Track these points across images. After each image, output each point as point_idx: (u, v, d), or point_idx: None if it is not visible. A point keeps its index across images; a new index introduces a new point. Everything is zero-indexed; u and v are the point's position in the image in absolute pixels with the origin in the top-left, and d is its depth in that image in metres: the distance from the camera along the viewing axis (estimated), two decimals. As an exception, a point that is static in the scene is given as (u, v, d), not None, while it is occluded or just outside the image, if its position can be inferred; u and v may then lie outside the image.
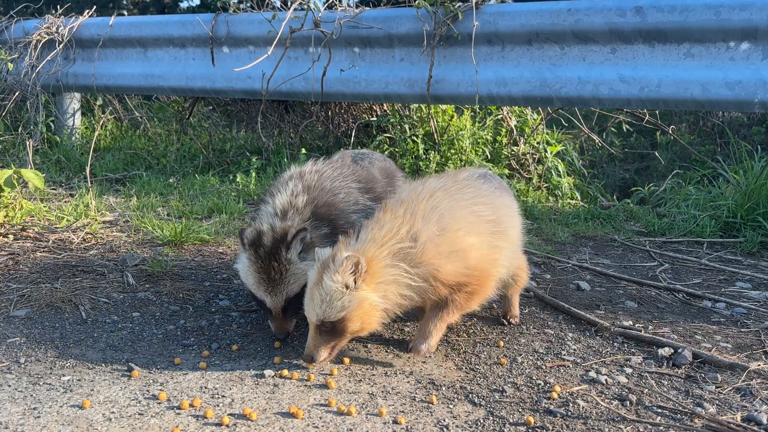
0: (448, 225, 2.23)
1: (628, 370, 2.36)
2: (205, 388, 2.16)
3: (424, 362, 2.38)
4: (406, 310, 2.30)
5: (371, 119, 5.55)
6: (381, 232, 2.18)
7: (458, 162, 5.05)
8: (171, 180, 5.11)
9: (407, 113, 5.38)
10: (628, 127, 6.13)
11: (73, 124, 6.43)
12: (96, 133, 5.29)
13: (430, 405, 2.09)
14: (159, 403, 2.05)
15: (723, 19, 3.87)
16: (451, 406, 2.08)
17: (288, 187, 2.63)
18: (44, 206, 4.19)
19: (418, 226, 2.19)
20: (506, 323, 2.75)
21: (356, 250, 2.15)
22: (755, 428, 1.98)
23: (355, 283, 2.13)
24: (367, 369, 2.33)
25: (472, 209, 2.33)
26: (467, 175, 2.53)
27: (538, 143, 5.41)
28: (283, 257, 2.40)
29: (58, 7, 6.39)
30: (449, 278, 2.21)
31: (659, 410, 2.09)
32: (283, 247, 2.40)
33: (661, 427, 1.98)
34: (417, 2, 4.57)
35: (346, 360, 2.37)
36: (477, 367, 2.37)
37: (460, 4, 4.55)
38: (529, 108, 5.42)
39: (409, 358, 2.42)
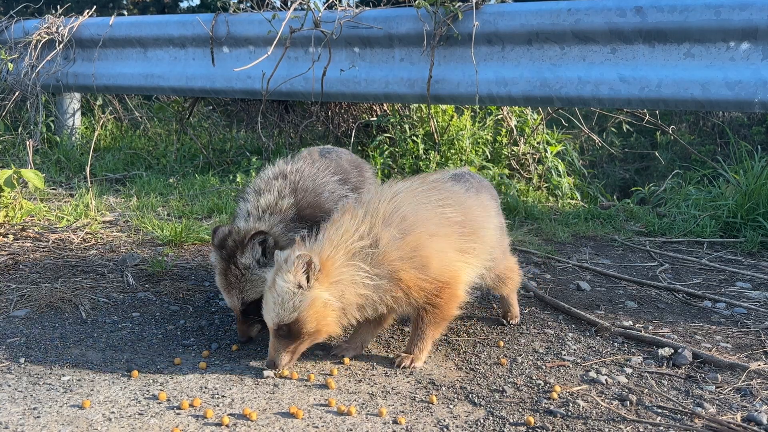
0: (409, 228, 2.19)
1: (629, 370, 2.36)
2: (205, 388, 2.16)
3: (424, 362, 2.38)
4: (371, 315, 2.25)
5: (371, 119, 5.55)
6: (338, 232, 2.16)
7: (458, 162, 5.05)
8: (171, 180, 5.11)
9: (407, 113, 5.38)
10: (628, 127, 6.12)
11: (73, 124, 6.43)
12: (96, 133, 5.30)
13: (430, 405, 2.09)
14: (159, 403, 2.05)
15: (723, 19, 3.87)
16: (451, 406, 2.08)
17: (274, 187, 2.58)
18: (44, 206, 4.19)
19: (378, 229, 2.16)
20: (507, 323, 2.75)
21: (311, 249, 2.13)
22: (755, 428, 1.98)
23: (308, 282, 2.09)
24: (367, 369, 2.33)
25: (438, 211, 2.29)
26: (438, 176, 2.49)
27: (538, 143, 5.41)
28: (240, 262, 2.39)
29: (58, 7, 6.39)
30: (411, 282, 2.18)
31: (659, 410, 2.09)
32: (239, 251, 2.38)
33: (661, 427, 1.98)
34: (417, 2, 4.57)
35: (346, 360, 2.37)
36: (477, 367, 2.37)
37: (460, 4, 4.55)
38: (529, 108, 5.41)
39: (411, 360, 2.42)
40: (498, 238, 2.53)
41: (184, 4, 13.41)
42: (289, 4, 5.31)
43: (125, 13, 8.32)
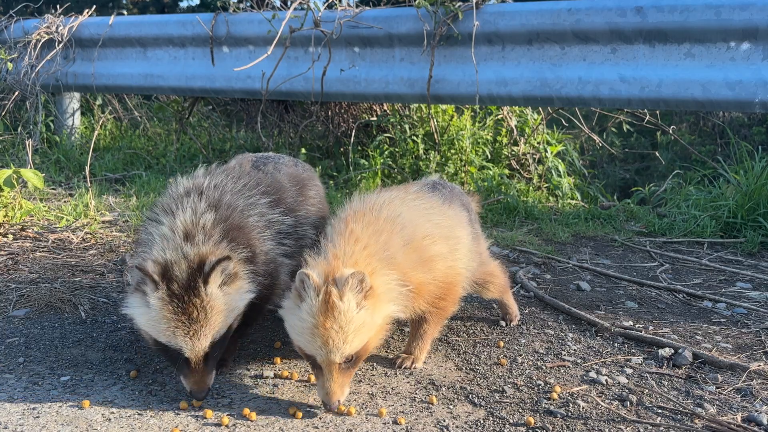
0: (411, 235, 2.15)
1: (629, 371, 2.35)
2: (205, 388, 2.16)
3: (423, 362, 2.38)
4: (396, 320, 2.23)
5: (371, 119, 5.55)
6: (363, 241, 2.03)
7: (458, 162, 5.05)
8: (170, 180, 5.10)
9: (407, 113, 5.37)
10: (628, 127, 6.12)
11: (73, 124, 6.43)
12: (95, 133, 5.29)
13: (430, 405, 2.09)
14: (159, 403, 2.05)
15: (723, 19, 3.87)
16: (451, 407, 2.08)
17: (186, 203, 2.16)
18: (44, 206, 4.19)
19: (386, 236, 2.08)
20: (507, 325, 2.75)
21: (352, 263, 1.95)
22: (755, 429, 1.98)
23: (365, 300, 1.92)
24: (367, 369, 2.33)
25: (428, 218, 2.27)
26: (417, 188, 2.45)
27: (538, 143, 5.40)
28: (203, 291, 1.98)
29: (58, 6, 6.39)
30: (422, 287, 2.14)
31: (659, 411, 2.08)
32: (200, 280, 1.98)
33: (661, 428, 1.97)
34: (417, 2, 4.56)
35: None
36: (477, 367, 2.36)
37: (461, 3, 4.54)
38: (530, 108, 5.41)
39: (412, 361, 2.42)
40: (471, 246, 2.44)
41: (183, 4, 13.42)
42: (289, 3, 5.30)
43: (125, 12, 8.31)
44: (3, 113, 5.94)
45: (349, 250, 1.99)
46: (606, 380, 2.27)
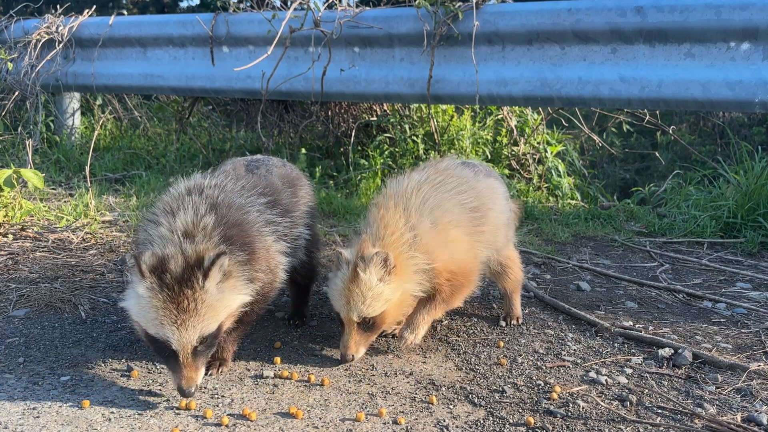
0: (438, 218, 2.34)
1: (629, 371, 2.35)
2: (205, 388, 2.16)
3: (423, 362, 2.38)
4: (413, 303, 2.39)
5: (371, 119, 5.55)
6: (390, 226, 2.27)
7: (458, 162, 5.04)
8: (171, 180, 5.10)
9: (407, 113, 5.37)
10: (628, 127, 6.12)
11: (73, 124, 6.42)
12: (95, 133, 5.28)
13: (430, 405, 2.09)
14: (158, 403, 2.05)
15: (723, 19, 3.87)
16: (451, 407, 2.08)
17: (188, 203, 2.17)
18: (44, 206, 4.19)
19: (415, 220, 2.30)
20: (506, 324, 2.75)
21: (381, 245, 2.25)
22: (755, 429, 1.98)
23: (388, 276, 2.22)
24: (367, 369, 2.33)
25: (457, 199, 2.43)
26: (447, 164, 2.60)
27: (538, 143, 5.40)
28: (199, 285, 1.97)
29: (58, 6, 6.39)
30: (444, 267, 2.31)
31: (659, 411, 2.08)
32: (199, 274, 1.97)
33: (661, 428, 1.97)
34: (417, 2, 4.56)
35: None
36: (477, 367, 2.36)
37: (461, 3, 4.54)
38: (530, 108, 5.41)
39: (408, 358, 2.42)
40: (505, 221, 2.65)
41: (183, 4, 13.41)
42: (289, 3, 5.30)
43: (125, 12, 8.31)
44: (3, 113, 5.94)
45: (379, 232, 2.29)
46: (606, 380, 2.27)
